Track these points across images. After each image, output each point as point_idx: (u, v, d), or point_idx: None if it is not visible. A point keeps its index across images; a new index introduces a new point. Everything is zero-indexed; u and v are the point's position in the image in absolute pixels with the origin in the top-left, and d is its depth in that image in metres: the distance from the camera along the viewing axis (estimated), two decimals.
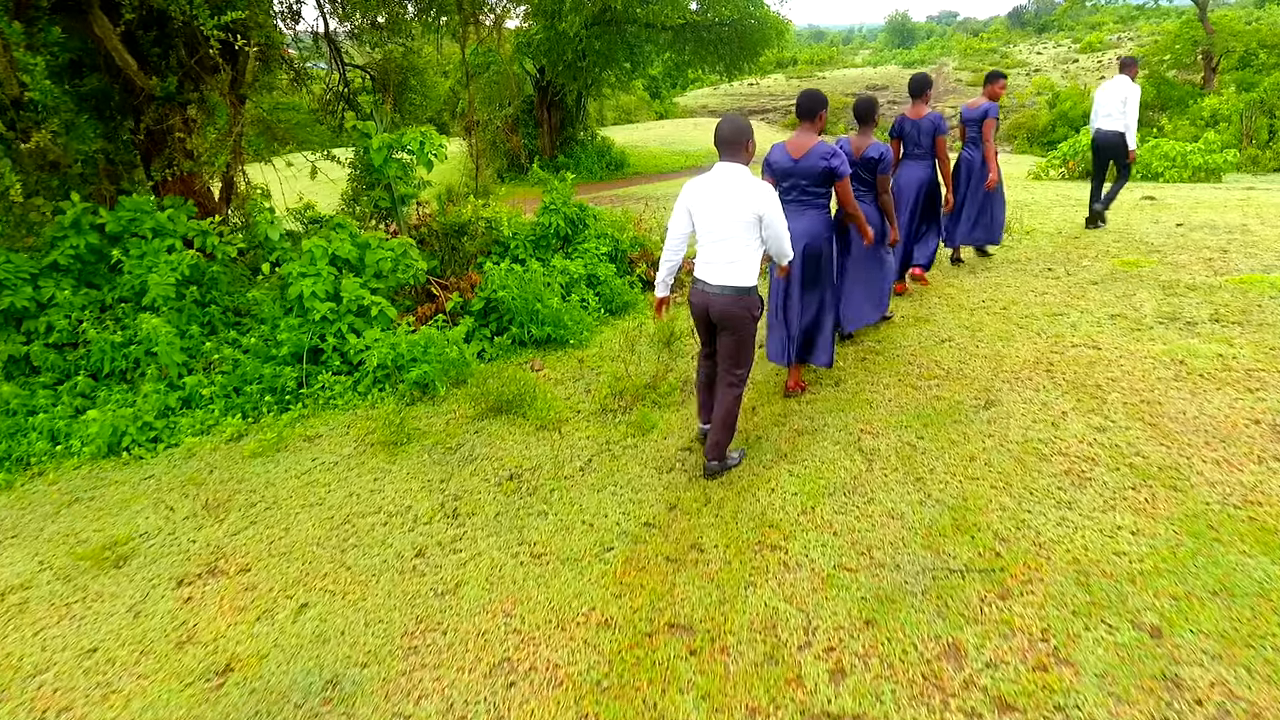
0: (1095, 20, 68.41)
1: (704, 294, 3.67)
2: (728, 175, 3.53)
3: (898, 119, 6.25)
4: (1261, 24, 32.99)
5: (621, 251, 7.58)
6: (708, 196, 3.57)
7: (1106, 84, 7.83)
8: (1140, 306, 5.58)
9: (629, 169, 22.47)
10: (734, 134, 3.52)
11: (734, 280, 3.57)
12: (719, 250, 3.59)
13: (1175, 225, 8.10)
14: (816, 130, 4.23)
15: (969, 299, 6.23)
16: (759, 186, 3.50)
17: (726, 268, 3.58)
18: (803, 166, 4.22)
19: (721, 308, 3.61)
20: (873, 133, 5.17)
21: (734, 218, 3.50)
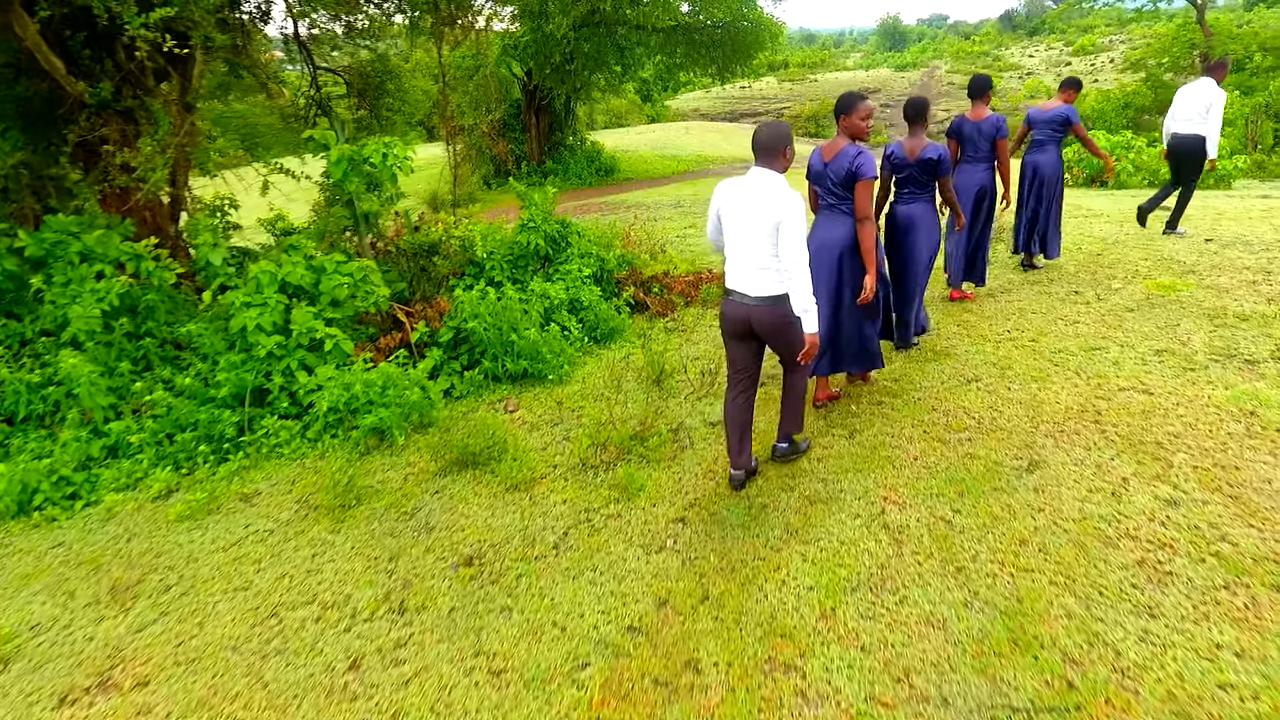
0: (1087, 23, 68.24)
1: (744, 307, 3.54)
2: (759, 180, 3.41)
3: (956, 119, 6.09)
4: (1255, 26, 32.61)
5: (607, 272, 6.94)
6: (736, 200, 3.47)
7: (1188, 87, 7.35)
8: (1189, 340, 4.97)
9: (619, 174, 21.80)
10: (773, 139, 3.41)
11: (770, 289, 3.45)
12: (747, 258, 3.47)
13: (1205, 241, 7.52)
14: (849, 134, 4.11)
15: (991, 329, 5.61)
16: (786, 195, 3.36)
17: (759, 276, 3.46)
18: (831, 168, 4.12)
19: (763, 319, 3.51)
20: (924, 133, 5.01)
21: (758, 225, 3.39)
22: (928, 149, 4.93)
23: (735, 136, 32.51)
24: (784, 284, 3.41)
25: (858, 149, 4.05)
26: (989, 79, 6.06)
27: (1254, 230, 7.81)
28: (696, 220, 12.41)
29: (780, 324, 3.50)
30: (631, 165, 23.62)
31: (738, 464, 3.83)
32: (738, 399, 3.79)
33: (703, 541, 3.45)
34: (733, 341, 3.72)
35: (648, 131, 33.38)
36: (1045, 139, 6.56)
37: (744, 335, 3.65)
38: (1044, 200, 6.62)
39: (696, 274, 7.82)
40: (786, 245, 3.32)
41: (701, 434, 4.49)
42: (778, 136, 3.42)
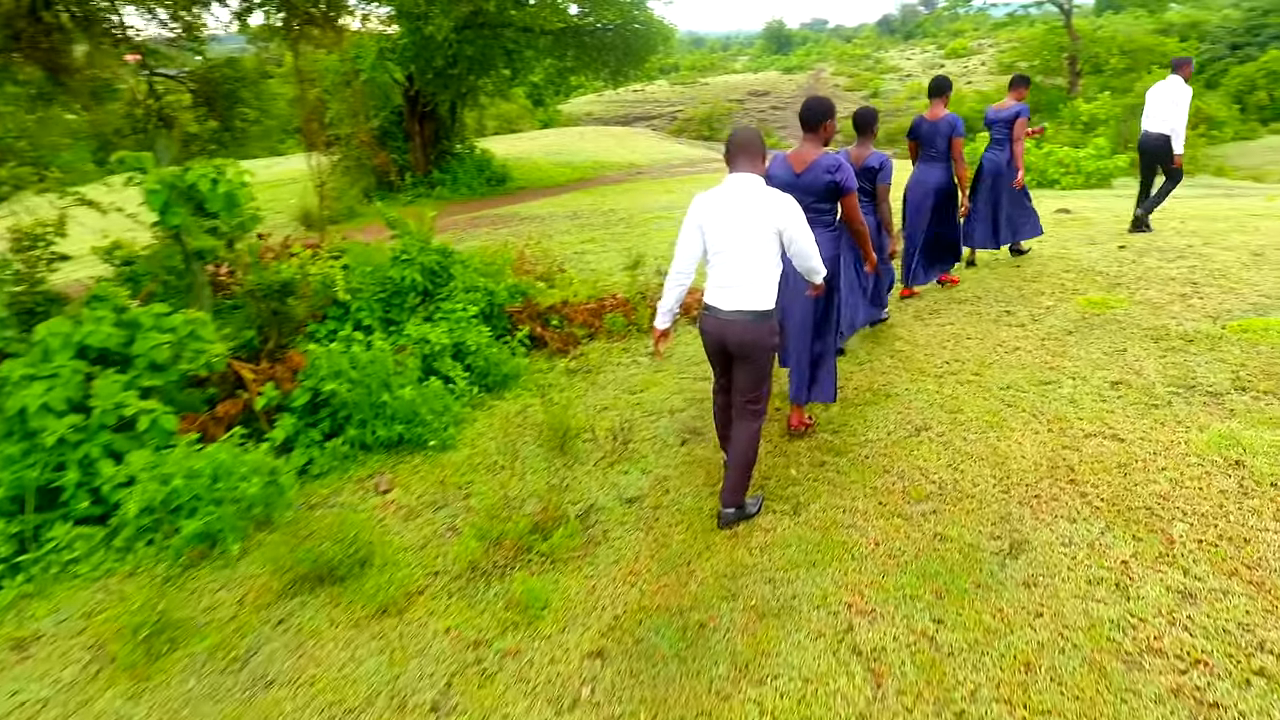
0: (956, 28, 71.55)
1: (719, 321, 3.33)
2: (743, 187, 3.23)
3: (915, 119, 6.12)
4: (1108, 30, 34.59)
5: (498, 307, 6.06)
6: (722, 211, 3.24)
7: (1158, 85, 7.44)
8: (1141, 369, 4.55)
9: (512, 183, 20.76)
10: (752, 142, 3.26)
11: (752, 304, 3.25)
12: (735, 272, 3.25)
13: (1118, 248, 7.31)
14: (822, 141, 3.90)
15: (929, 360, 5.07)
16: (779, 198, 3.21)
17: (743, 290, 3.25)
18: (805, 181, 3.87)
19: (739, 335, 3.29)
20: (871, 142, 5.06)
21: (752, 234, 3.19)
22: (870, 157, 4.97)
23: (630, 141, 31.94)
24: (769, 299, 3.26)
25: (836, 159, 3.87)
26: (948, 80, 6.08)
27: (1160, 235, 7.68)
28: (596, 234, 11.65)
29: (757, 342, 3.29)
30: (525, 173, 22.63)
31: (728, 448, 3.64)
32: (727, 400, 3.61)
33: (628, 687, 2.66)
34: (715, 357, 3.54)
35: (541, 137, 32.42)
36: (1003, 137, 6.64)
37: (722, 352, 3.45)
38: (1002, 195, 6.70)
39: (599, 301, 7.05)
40: (799, 247, 3.25)
41: (617, 516, 3.71)
42: (756, 139, 3.28)
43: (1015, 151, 6.57)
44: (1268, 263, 6.30)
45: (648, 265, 8.93)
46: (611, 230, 12.02)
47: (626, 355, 5.94)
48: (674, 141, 34.44)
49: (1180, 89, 7.15)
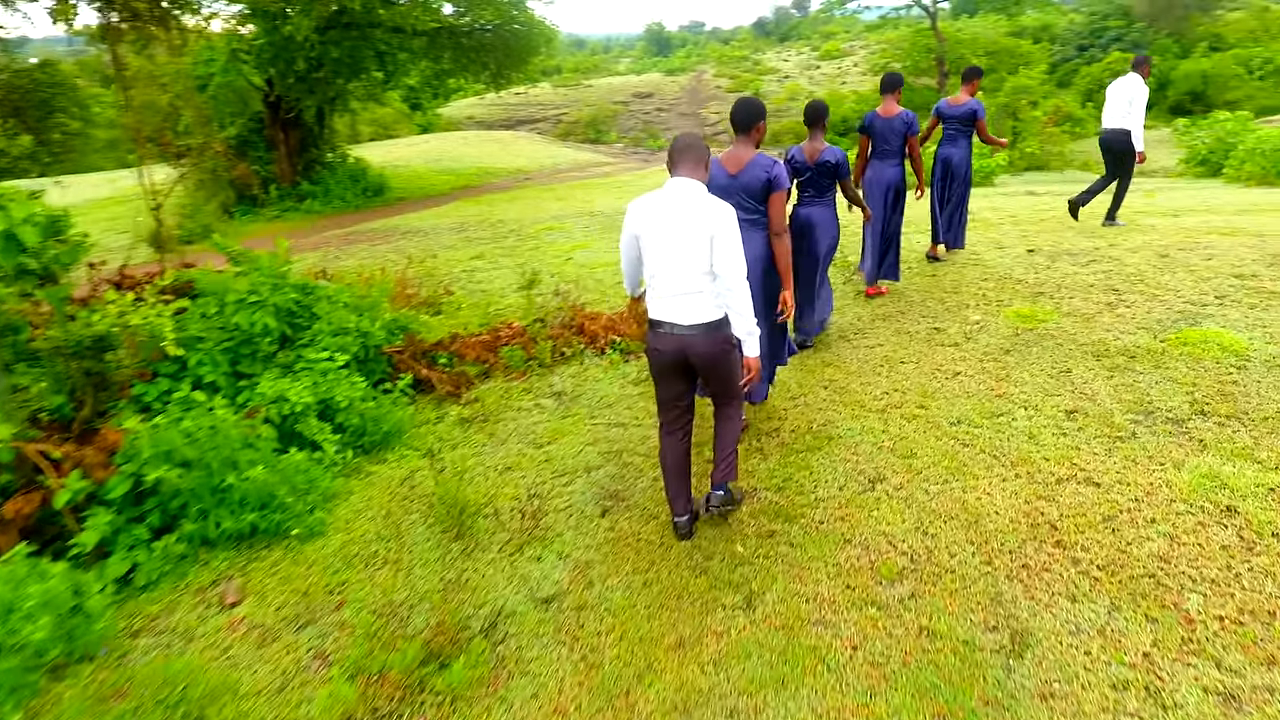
0: (828, 30, 73.94)
1: (675, 337, 3.15)
2: (681, 192, 3.08)
3: (867, 115, 6.04)
4: (967, 33, 36.20)
5: (374, 349, 5.19)
6: (657, 218, 3.10)
7: (1116, 82, 7.58)
8: (1092, 393, 4.20)
9: (391, 194, 19.45)
10: (694, 146, 3.14)
11: (701, 316, 3.11)
12: (675, 281, 3.10)
13: (1027, 251, 7.15)
14: (754, 142, 3.84)
15: (867, 391, 4.59)
16: (716, 204, 3.07)
17: (691, 301, 3.09)
18: (742, 181, 3.83)
19: (701, 349, 3.14)
20: (824, 137, 5.00)
21: (689, 241, 3.05)
22: (825, 152, 4.96)
23: (516, 145, 30.97)
24: (721, 307, 3.09)
25: (772, 159, 3.80)
26: (900, 76, 6.06)
27: (1065, 237, 7.59)
28: (485, 248, 10.82)
29: (720, 353, 3.16)
30: (404, 182, 21.34)
31: (679, 510, 3.38)
32: (677, 444, 3.36)
33: None
34: (665, 379, 3.31)
35: (420, 143, 30.92)
36: (955, 133, 6.69)
37: (679, 370, 3.25)
38: (955, 188, 6.76)
39: (493, 331, 6.27)
40: (725, 259, 3.02)
41: (532, 626, 2.98)
42: (699, 143, 3.16)
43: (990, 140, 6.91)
44: (1177, 264, 6.21)
45: (544, 284, 8.22)
46: (502, 244, 11.21)
47: (529, 397, 5.21)
48: (561, 145, 33.67)
49: (1138, 86, 7.29)
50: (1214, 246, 6.64)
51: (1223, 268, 5.96)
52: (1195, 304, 5.26)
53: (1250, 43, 40.75)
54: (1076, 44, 46.32)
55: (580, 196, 17.02)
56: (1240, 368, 4.26)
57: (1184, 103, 35.63)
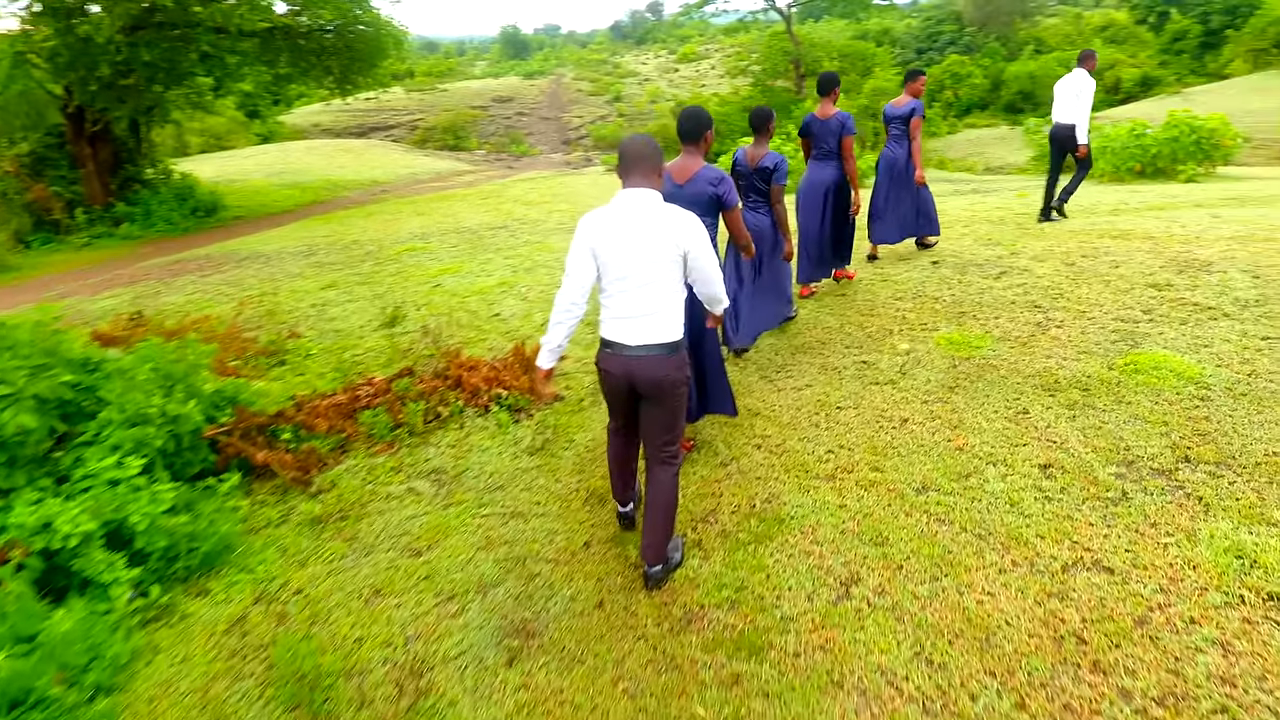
0: (684, 34, 74.94)
1: (624, 360, 2.90)
2: (641, 205, 2.82)
3: (806, 117, 6.00)
4: (818, 36, 37.33)
5: (185, 435, 4.03)
6: (617, 233, 2.81)
7: (1065, 78, 7.69)
8: (1061, 439, 3.70)
9: (226, 213, 17.41)
10: (647, 152, 2.85)
11: (658, 336, 2.87)
12: (635, 301, 2.85)
13: (931, 263, 6.79)
14: (701, 152, 3.74)
15: (808, 448, 3.91)
16: (683, 216, 2.83)
17: (646, 321, 2.86)
18: (688, 193, 3.70)
19: (650, 374, 2.88)
20: (768, 142, 4.94)
21: (654, 257, 2.80)
22: (765, 157, 4.87)
23: (370, 155, 28.99)
24: (680, 327, 2.92)
25: (719, 173, 3.71)
26: (835, 75, 5.93)
27: (963, 245, 7.32)
28: (338, 275, 9.55)
29: (668, 380, 2.92)
30: (242, 199, 19.26)
31: (624, 500, 3.38)
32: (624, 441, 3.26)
33: None
34: (614, 401, 3.15)
35: (260, 154, 28.36)
36: (900, 133, 6.66)
37: (626, 394, 3.03)
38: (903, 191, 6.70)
39: (351, 389, 5.20)
40: (703, 274, 2.91)
41: None
42: (651, 149, 2.88)
43: (914, 149, 6.60)
44: (1089, 275, 5.96)
45: (409, 319, 7.16)
46: (358, 269, 9.95)
47: (398, 478, 4.22)
48: (419, 154, 31.88)
49: (1084, 81, 7.43)
50: (1113, 252, 6.48)
51: (1135, 277, 5.74)
52: (1126, 321, 4.94)
53: (1067, 45, 44.32)
54: (915, 47, 48.92)
55: (444, 210, 15.78)
56: (1204, 399, 3.88)
57: (1015, 102, 38.22)
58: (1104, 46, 42.90)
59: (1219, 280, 5.45)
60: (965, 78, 38.64)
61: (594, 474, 4.02)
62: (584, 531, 3.51)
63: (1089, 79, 7.47)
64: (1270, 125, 23.28)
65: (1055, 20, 50.53)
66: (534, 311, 7.06)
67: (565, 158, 35.86)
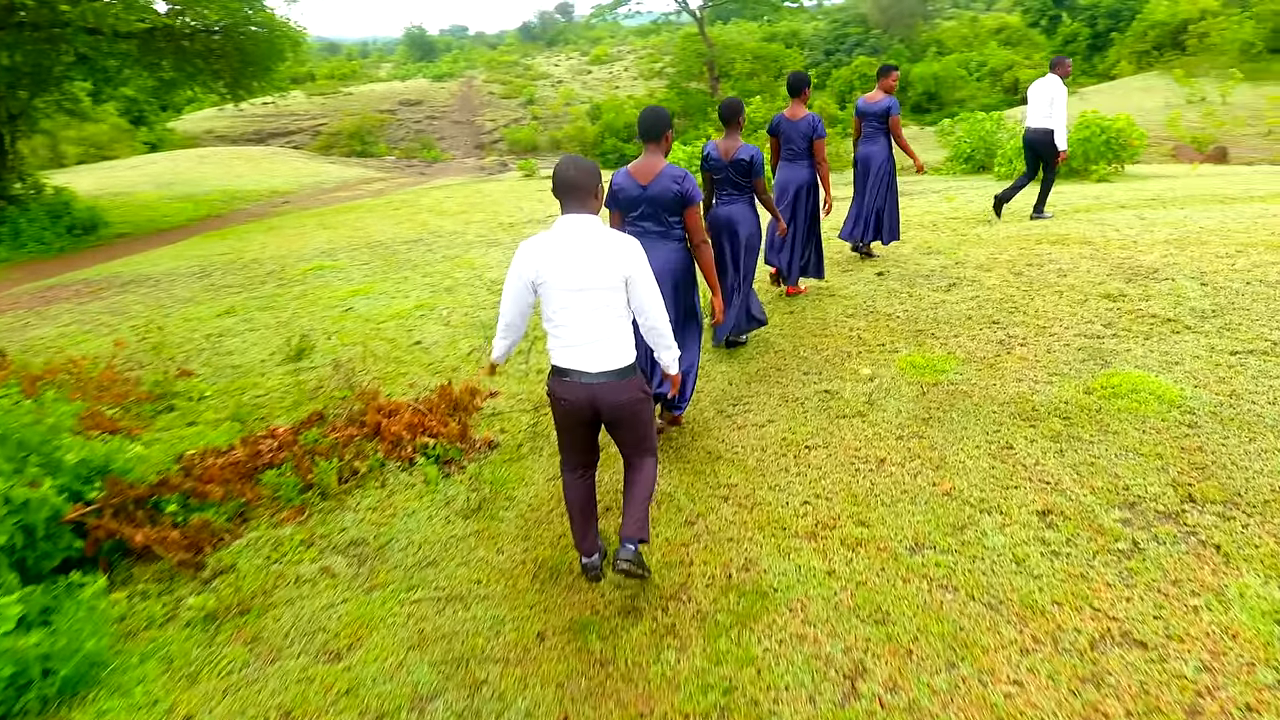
0: (595, 35, 74.50)
1: (584, 387, 2.84)
2: (581, 231, 2.79)
3: (775, 117, 6.00)
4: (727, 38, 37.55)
5: (40, 524, 3.31)
6: (560, 261, 2.77)
7: (1037, 83, 7.75)
8: (1055, 479, 3.40)
9: (108, 230, 15.96)
10: (582, 177, 2.80)
11: (613, 362, 2.83)
12: (584, 328, 2.81)
13: (876, 275, 6.54)
14: (663, 152, 3.78)
15: (780, 499, 3.51)
16: (622, 241, 2.81)
17: (598, 347, 2.82)
18: (653, 192, 3.76)
19: (613, 401, 2.85)
20: (739, 134, 4.89)
21: (598, 283, 2.77)
22: (740, 150, 4.81)
23: (269, 163, 27.42)
24: (630, 351, 2.86)
25: (683, 171, 3.75)
26: (806, 77, 5.90)
27: (905, 254, 7.11)
28: (236, 300, 8.70)
29: (633, 403, 2.88)
30: (127, 214, 17.77)
31: (588, 549, 3.08)
32: (580, 482, 3.09)
33: None
34: (571, 431, 2.99)
35: (147, 164, 26.43)
36: (874, 130, 6.67)
37: (586, 422, 2.93)
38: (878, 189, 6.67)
39: (250, 442, 4.53)
40: (644, 299, 2.84)
41: None
42: (588, 173, 2.81)
43: (903, 145, 6.66)
44: (1039, 285, 5.79)
45: (318, 350, 6.49)
46: (258, 293, 9.11)
47: (309, 554, 3.61)
48: (323, 161, 30.40)
49: (1057, 86, 7.51)
50: (1057, 260, 6.36)
51: (1086, 287, 5.60)
52: (1089, 337, 4.74)
53: (964, 48, 45.95)
54: (824, 49, 49.83)
55: (352, 223, 14.86)
56: (1191, 425, 3.66)
57: (921, 102, 39.31)
58: (1000, 49, 44.69)
59: (1170, 289, 5.35)
60: (873, 79, 39.48)
61: (541, 540, 3.52)
62: (536, 618, 3.00)
63: (1061, 85, 7.56)
64: (1157, 123, 24.51)
65: (952, 23, 52.41)
66: (458, 338, 6.47)
67: (479, 162, 34.92)
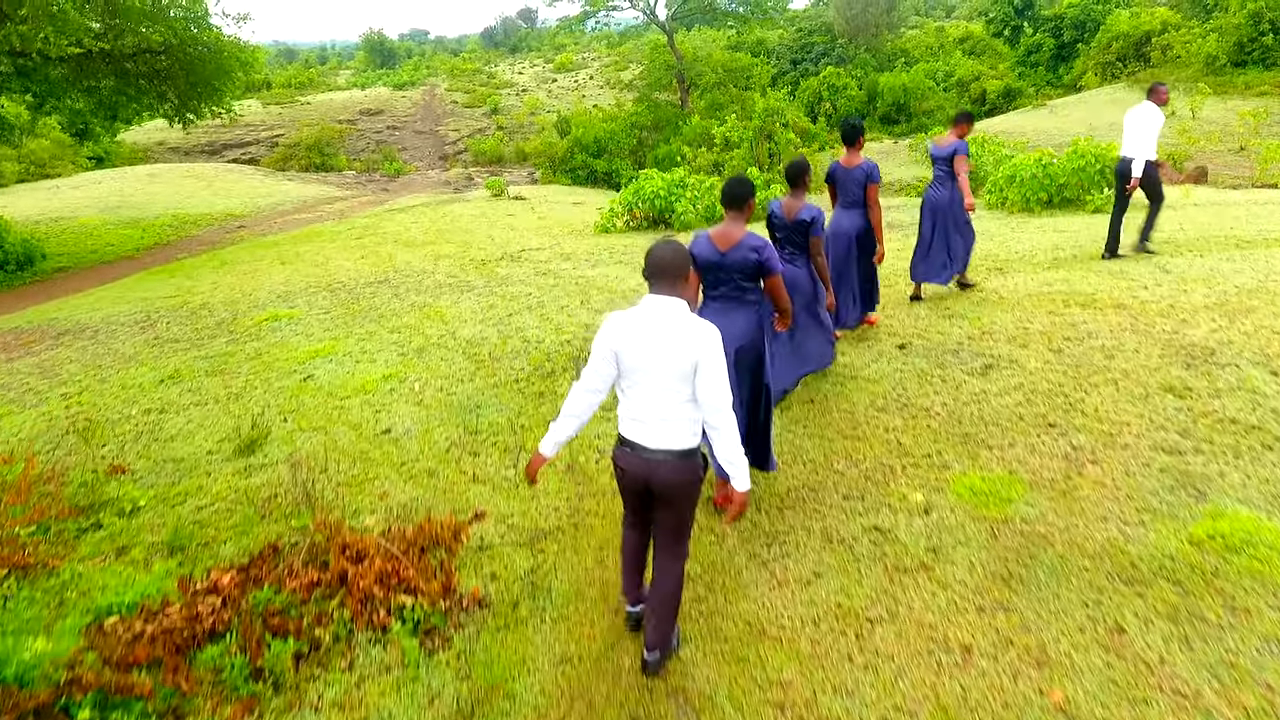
0: (560, 42, 73.62)
1: (642, 460, 2.97)
2: (663, 313, 2.89)
3: (832, 165, 6.10)
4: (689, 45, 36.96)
5: None
6: (639, 339, 2.90)
7: (1132, 110, 7.55)
8: (1191, 689, 2.73)
9: (47, 264, 14.83)
10: (675, 263, 2.89)
11: (673, 443, 2.93)
12: (651, 404, 2.93)
13: (898, 348, 5.92)
14: (744, 219, 3.88)
15: (850, 711, 2.82)
16: (702, 329, 2.88)
17: (662, 426, 2.93)
18: (731, 260, 3.87)
19: (665, 477, 2.96)
20: (804, 194, 4.94)
21: (670, 366, 2.87)
22: (803, 210, 4.87)
23: (223, 181, 26.12)
24: (695, 435, 2.95)
25: (761, 240, 3.85)
26: (860, 125, 6.01)
27: (916, 313, 6.50)
28: (181, 361, 7.83)
29: (685, 486, 2.98)
30: (68, 244, 16.59)
31: (633, 599, 3.34)
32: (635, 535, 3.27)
33: None
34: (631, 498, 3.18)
35: (91, 184, 25.01)
36: (944, 174, 6.74)
37: (642, 494, 3.07)
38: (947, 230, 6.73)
39: (187, 602, 3.74)
40: (710, 387, 2.85)
41: None
42: (679, 258, 2.90)
43: (961, 185, 6.65)
44: (1088, 368, 5.20)
45: (273, 439, 5.72)
46: (207, 350, 8.24)
47: None
48: (280, 178, 29.10)
49: (1152, 114, 7.33)
50: (1096, 332, 5.79)
51: (1141, 375, 5.01)
52: (1169, 451, 4.13)
53: (930, 58, 46.03)
54: (790, 58, 49.61)
55: (312, 255, 13.94)
56: None
57: (890, 113, 39.18)
58: (965, 59, 44.84)
59: (1238, 380, 4.79)
60: (841, 89, 39.26)
61: None
62: None
63: (1157, 112, 7.38)
64: None
65: (916, 32, 52.60)
66: (433, 425, 5.71)
67: (444, 175, 33.92)
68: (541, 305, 8.57)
